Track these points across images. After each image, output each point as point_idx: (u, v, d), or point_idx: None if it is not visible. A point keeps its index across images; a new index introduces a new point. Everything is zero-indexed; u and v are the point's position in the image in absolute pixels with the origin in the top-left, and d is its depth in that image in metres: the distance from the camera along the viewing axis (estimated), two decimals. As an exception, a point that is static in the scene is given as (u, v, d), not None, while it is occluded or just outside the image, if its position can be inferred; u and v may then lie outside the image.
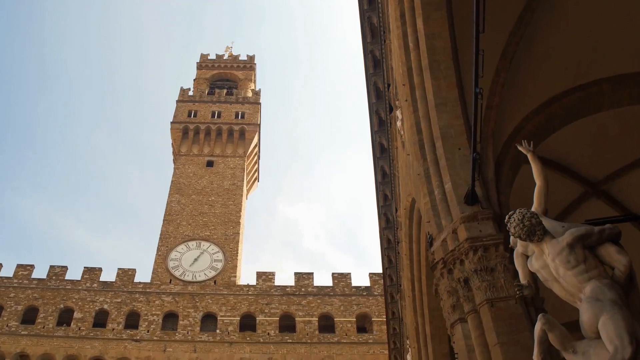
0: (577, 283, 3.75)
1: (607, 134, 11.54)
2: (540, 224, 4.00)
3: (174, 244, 36.03)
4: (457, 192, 7.76)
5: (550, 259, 3.91)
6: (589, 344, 3.57)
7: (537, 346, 3.84)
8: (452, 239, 7.31)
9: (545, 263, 3.97)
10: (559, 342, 3.70)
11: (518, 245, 4.45)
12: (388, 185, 13.82)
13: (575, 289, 3.77)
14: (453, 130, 8.37)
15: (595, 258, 3.83)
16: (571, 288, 3.79)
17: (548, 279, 3.99)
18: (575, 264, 3.78)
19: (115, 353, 29.57)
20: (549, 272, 3.95)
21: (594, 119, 10.89)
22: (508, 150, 9.00)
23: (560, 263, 3.83)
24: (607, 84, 10.26)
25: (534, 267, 4.13)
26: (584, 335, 3.69)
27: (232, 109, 45.73)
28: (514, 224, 4.05)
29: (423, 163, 8.43)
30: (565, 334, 3.72)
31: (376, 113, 12.59)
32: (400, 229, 12.93)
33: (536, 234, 3.97)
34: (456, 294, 6.97)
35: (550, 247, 3.91)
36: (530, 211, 4.06)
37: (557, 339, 3.70)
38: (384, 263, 16.19)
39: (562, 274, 3.84)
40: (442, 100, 8.54)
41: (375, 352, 31.30)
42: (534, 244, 4.03)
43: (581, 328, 3.69)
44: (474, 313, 6.65)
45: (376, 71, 12.18)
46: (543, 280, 4.06)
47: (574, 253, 3.79)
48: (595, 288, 3.63)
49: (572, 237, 3.85)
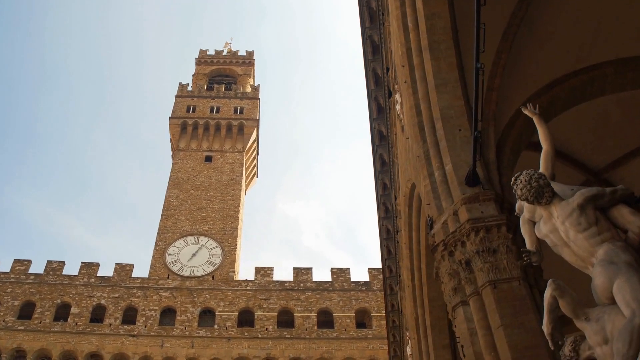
0: (588, 247, 3.53)
1: (609, 120, 11.35)
2: (549, 185, 3.79)
3: (172, 239, 35.82)
4: (458, 173, 7.57)
5: (559, 221, 3.70)
6: (602, 310, 3.37)
7: (547, 315, 3.63)
8: (452, 221, 7.12)
9: (554, 227, 3.75)
10: (571, 309, 3.50)
11: (524, 211, 4.24)
12: (387, 174, 13.62)
13: (587, 253, 3.55)
14: (453, 111, 8.18)
15: (608, 220, 3.61)
16: (582, 252, 3.57)
17: (557, 244, 3.77)
18: (586, 226, 3.57)
19: (112, 348, 29.37)
20: (558, 236, 3.73)
21: (595, 105, 10.72)
22: (510, 132, 8.82)
23: (571, 226, 3.61)
24: (610, 67, 10.08)
25: (541, 232, 3.92)
26: (596, 302, 3.49)
27: (230, 104, 45.50)
28: (521, 186, 3.84)
29: (423, 145, 8.24)
30: (577, 300, 3.52)
31: (375, 100, 12.39)
32: (399, 217, 12.74)
33: (544, 195, 3.76)
34: (457, 277, 6.78)
35: (560, 209, 3.70)
36: (537, 172, 3.85)
37: (569, 305, 3.50)
38: (383, 254, 16.00)
39: (572, 237, 3.63)
40: (442, 81, 8.34)
41: (375, 347, 31.12)
42: (542, 206, 3.82)
43: (593, 294, 3.49)
44: (476, 295, 6.47)
45: (375, 57, 11.98)
46: (552, 245, 3.84)
47: (584, 215, 3.58)
48: (609, 251, 3.41)
49: (582, 198, 3.65)
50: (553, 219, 3.76)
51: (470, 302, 6.48)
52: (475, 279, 6.55)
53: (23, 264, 32.90)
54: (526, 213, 4.20)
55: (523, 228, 4.28)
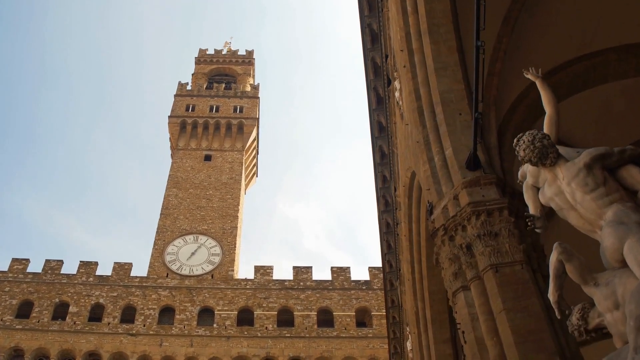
0: (596, 208, 3.32)
1: (612, 109, 11.16)
2: (553, 145, 3.59)
3: (171, 238, 35.62)
4: (458, 157, 7.39)
5: (565, 183, 3.49)
6: (612, 273, 3.15)
7: (553, 281, 3.42)
8: (453, 205, 6.94)
9: (559, 189, 3.54)
10: (578, 273, 3.29)
11: (527, 176, 4.04)
12: (387, 166, 13.43)
13: (595, 215, 3.34)
14: (453, 95, 8.00)
15: (616, 181, 3.41)
16: (590, 215, 3.36)
17: (563, 207, 3.56)
18: (594, 186, 3.36)
19: (110, 347, 29.15)
20: (564, 199, 3.52)
21: (598, 93, 10.53)
22: (511, 117, 8.64)
23: (577, 187, 3.41)
24: (613, 54, 9.91)
25: (546, 196, 3.71)
26: (605, 267, 3.28)
27: (230, 103, 45.34)
28: (524, 146, 3.65)
29: (422, 130, 8.06)
30: (585, 264, 3.30)
31: (374, 90, 12.22)
32: (399, 209, 12.56)
33: (549, 156, 3.56)
34: (458, 261, 6.59)
35: (565, 170, 3.49)
36: (541, 132, 3.66)
37: (576, 270, 3.29)
38: (382, 249, 15.80)
39: (579, 199, 3.42)
40: (442, 64, 8.17)
41: (375, 346, 30.88)
42: (547, 168, 3.62)
43: (602, 258, 3.28)
44: (477, 280, 6.27)
45: (374, 46, 11.81)
46: (557, 209, 3.64)
47: (592, 175, 3.38)
48: (618, 211, 3.20)
49: (589, 157, 3.45)
50: (558, 180, 3.55)
51: (472, 286, 6.29)
52: (476, 263, 6.36)
53: (21, 263, 32.70)
54: (529, 178, 4.00)
55: (526, 194, 4.08)
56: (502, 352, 5.63)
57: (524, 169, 4.14)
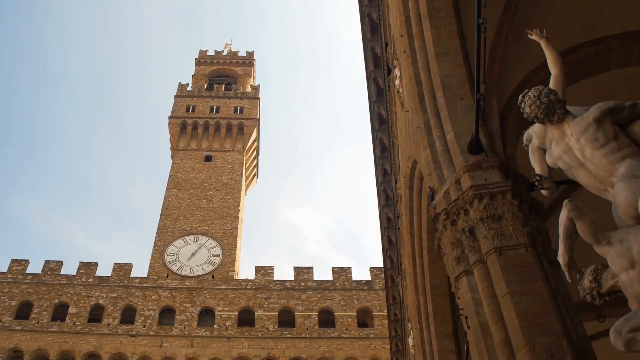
0: (607, 164, 3.13)
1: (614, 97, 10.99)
2: (560, 101, 3.42)
3: (171, 239, 35.45)
4: (460, 142, 7.23)
5: (574, 139, 3.31)
6: (626, 230, 2.96)
7: (563, 242, 3.22)
8: (455, 189, 6.77)
9: (567, 146, 3.36)
10: (590, 232, 3.10)
11: (533, 137, 3.87)
12: (387, 159, 13.27)
13: (606, 171, 3.15)
14: (454, 79, 7.85)
15: (627, 137, 3.23)
16: (600, 171, 3.18)
17: (572, 165, 3.37)
18: (604, 141, 3.18)
19: (110, 348, 28.94)
20: (573, 156, 3.34)
21: (601, 81, 10.36)
22: (514, 103, 8.46)
23: (587, 142, 3.23)
24: (616, 41, 9.76)
25: (554, 155, 3.52)
26: (617, 225, 3.10)
27: (230, 104, 45.25)
28: (529, 102, 3.47)
29: (423, 115, 7.90)
30: (597, 222, 3.11)
31: (374, 81, 12.07)
32: (400, 202, 12.39)
33: (556, 112, 3.38)
34: (460, 246, 6.41)
35: (574, 125, 3.31)
36: (547, 87, 3.49)
37: (588, 228, 3.10)
38: (383, 244, 15.62)
39: (589, 155, 3.23)
40: (443, 49, 8.02)
41: (377, 346, 30.63)
42: (554, 125, 3.44)
43: (615, 216, 3.10)
44: (480, 264, 6.10)
45: (374, 37, 11.67)
46: (566, 168, 3.45)
47: (602, 129, 3.20)
48: (631, 166, 3.01)
49: (599, 111, 3.27)
50: (566, 137, 3.37)
51: (475, 270, 6.12)
52: (479, 247, 6.19)
53: (20, 264, 32.55)
54: (535, 140, 3.82)
55: (532, 157, 3.90)
56: (507, 336, 5.45)
57: (529, 132, 3.97)
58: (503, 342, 5.45)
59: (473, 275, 6.16)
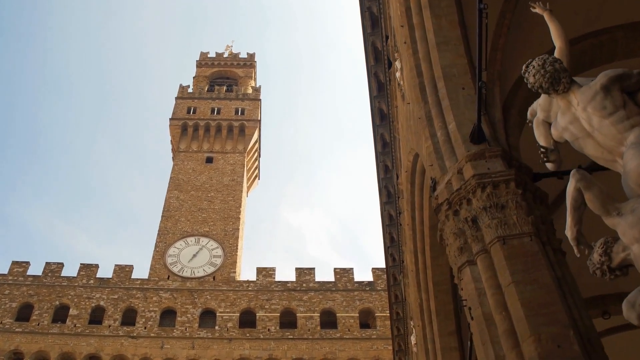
0: (616, 133, 3.00)
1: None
2: (566, 70, 3.30)
3: (173, 240, 35.34)
4: (462, 131, 7.10)
5: (580, 108, 3.18)
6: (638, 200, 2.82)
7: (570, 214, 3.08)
8: (457, 179, 6.64)
9: (574, 116, 3.23)
10: (599, 203, 2.96)
11: (538, 111, 3.74)
12: (388, 155, 13.15)
13: (614, 141, 3.01)
14: (456, 69, 7.73)
15: (636, 105, 3.10)
16: (609, 141, 3.04)
17: (579, 136, 3.24)
18: (612, 110, 3.05)
19: (111, 350, 28.80)
20: (580, 126, 3.20)
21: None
22: (516, 93, 8.35)
23: (594, 111, 3.10)
24: (620, 32, 9.63)
25: (559, 127, 3.39)
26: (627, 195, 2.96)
27: (231, 106, 45.21)
28: (533, 72, 3.35)
29: (424, 106, 7.77)
30: (606, 193, 2.98)
31: (375, 76, 11.96)
32: (401, 197, 12.25)
33: (561, 81, 3.26)
34: (463, 236, 6.27)
35: (580, 94, 3.18)
36: (552, 56, 3.36)
37: (597, 199, 2.96)
38: (385, 242, 15.48)
39: (596, 124, 3.10)
40: (444, 39, 7.91)
41: (379, 347, 30.44)
42: (559, 95, 3.31)
43: (625, 186, 2.96)
44: (484, 253, 5.96)
45: (374, 31, 11.56)
46: (572, 139, 3.32)
47: (610, 97, 3.07)
48: None
49: (607, 78, 3.15)
50: (572, 107, 3.24)
51: (478, 260, 5.97)
52: (482, 237, 6.05)
53: (21, 266, 32.47)
54: (540, 113, 3.69)
55: (537, 131, 3.77)
56: (511, 327, 5.30)
57: (532, 107, 3.85)
58: (508, 332, 5.30)
59: (476, 265, 6.03)
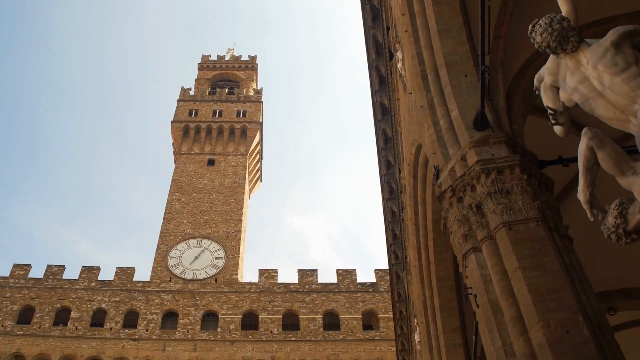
0: (629, 90, 2.86)
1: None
2: (574, 28, 3.17)
3: (174, 242, 35.20)
4: (465, 118, 6.98)
5: (590, 66, 3.04)
6: None
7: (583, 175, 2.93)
8: (460, 166, 6.51)
9: (584, 76, 3.09)
10: (613, 162, 2.82)
11: (545, 75, 3.61)
12: (390, 151, 13.01)
13: (627, 99, 2.86)
14: (458, 57, 7.60)
15: None
16: (621, 99, 2.90)
17: (589, 96, 3.10)
18: (624, 66, 2.90)
19: (112, 353, 28.63)
20: (590, 86, 3.06)
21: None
22: (519, 82, 8.21)
23: (605, 68, 2.96)
24: (623, 21, 9.50)
25: (568, 89, 3.25)
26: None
27: (233, 108, 45.17)
28: (540, 31, 3.22)
29: (426, 94, 7.65)
30: (620, 151, 2.84)
31: (376, 69, 11.84)
32: (404, 192, 12.11)
33: (569, 40, 3.13)
34: (467, 223, 6.13)
35: (590, 52, 3.05)
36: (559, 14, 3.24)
37: (611, 158, 2.81)
38: (388, 239, 15.32)
39: (607, 82, 2.96)
40: (446, 26, 7.79)
41: (382, 349, 30.20)
42: (568, 56, 3.18)
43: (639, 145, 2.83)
44: (489, 239, 5.82)
45: (375, 24, 11.46)
46: (582, 101, 3.17)
47: (621, 53, 2.93)
48: None
49: (617, 34, 3.02)
50: (582, 67, 3.10)
51: (483, 247, 5.83)
52: (487, 223, 5.91)
53: (23, 269, 32.37)
54: (548, 77, 3.55)
55: (545, 96, 3.63)
56: (519, 313, 5.15)
57: (539, 73, 3.72)
58: (515, 318, 5.15)
59: (481, 251, 5.88)
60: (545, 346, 4.71)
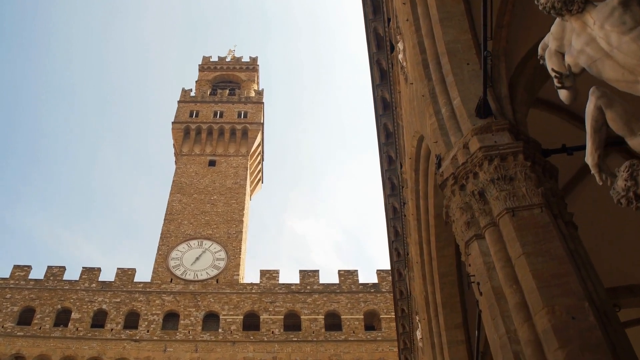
0: (637, 49, 2.70)
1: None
2: None
3: (175, 243, 35.11)
4: (467, 106, 6.88)
5: (597, 26, 2.92)
6: None
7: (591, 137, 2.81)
8: (463, 154, 6.40)
9: (590, 37, 2.97)
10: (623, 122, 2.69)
11: (550, 41, 3.50)
12: (392, 146, 12.91)
13: (636, 58, 2.72)
14: (460, 45, 7.51)
15: None
16: (630, 59, 2.76)
17: (596, 58, 2.97)
18: (632, 25, 2.77)
19: (113, 354, 28.50)
20: (597, 46, 2.94)
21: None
22: (522, 71, 8.10)
23: (613, 27, 2.83)
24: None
25: (574, 52, 3.13)
26: None
27: (234, 109, 45.14)
28: None
29: (428, 83, 7.55)
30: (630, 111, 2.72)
31: (377, 63, 11.75)
32: (405, 187, 11.99)
33: (575, 0, 3.02)
34: (470, 210, 6.02)
35: (596, 12, 2.94)
36: None
37: (620, 118, 2.69)
38: (389, 236, 15.19)
39: (615, 42, 2.83)
40: (447, 14, 7.70)
41: (384, 349, 30.02)
42: (573, 17, 3.07)
43: None
44: (492, 226, 5.71)
45: (376, 17, 11.38)
46: (589, 64, 3.05)
47: (629, 11, 2.81)
48: None
49: None
50: (588, 28, 2.99)
51: (486, 234, 5.72)
52: (490, 210, 5.80)
53: (23, 270, 32.29)
54: (552, 43, 3.45)
55: (550, 62, 3.52)
56: (523, 299, 5.03)
57: (544, 40, 3.62)
58: (519, 305, 5.04)
59: (484, 239, 5.77)
60: (550, 332, 4.59)
